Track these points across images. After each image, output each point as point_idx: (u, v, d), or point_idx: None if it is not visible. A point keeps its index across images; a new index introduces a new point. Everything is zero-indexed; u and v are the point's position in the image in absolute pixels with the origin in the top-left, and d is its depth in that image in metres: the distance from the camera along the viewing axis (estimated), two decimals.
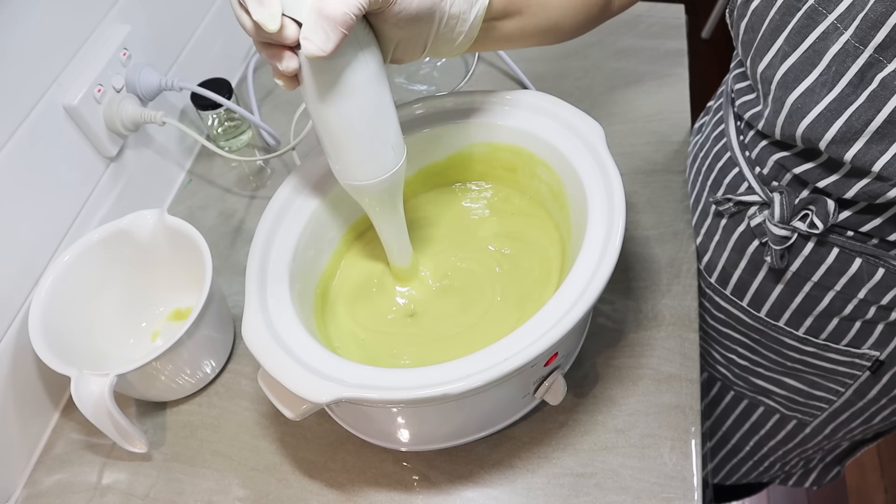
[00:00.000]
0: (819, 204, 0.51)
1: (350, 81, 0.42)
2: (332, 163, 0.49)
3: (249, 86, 0.84)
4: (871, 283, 0.54)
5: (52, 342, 0.54)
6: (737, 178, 0.60)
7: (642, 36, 0.88)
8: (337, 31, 0.38)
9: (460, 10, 0.44)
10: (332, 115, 0.44)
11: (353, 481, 0.56)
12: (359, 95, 0.44)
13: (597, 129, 0.53)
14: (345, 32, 0.38)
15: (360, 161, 0.47)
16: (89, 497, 0.57)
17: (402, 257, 0.56)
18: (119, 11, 0.64)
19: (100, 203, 0.65)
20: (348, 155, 0.47)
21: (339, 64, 0.42)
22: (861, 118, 0.43)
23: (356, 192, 0.50)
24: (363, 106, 0.44)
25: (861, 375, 0.64)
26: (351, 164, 0.47)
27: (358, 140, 0.46)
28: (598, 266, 0.46)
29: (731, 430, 0.83)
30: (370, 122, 0.45)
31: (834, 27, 0.44)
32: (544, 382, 0.52)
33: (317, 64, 0.41)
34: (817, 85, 0.45)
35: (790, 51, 0.46)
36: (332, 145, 0.47)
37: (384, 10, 0.40)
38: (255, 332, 0.46)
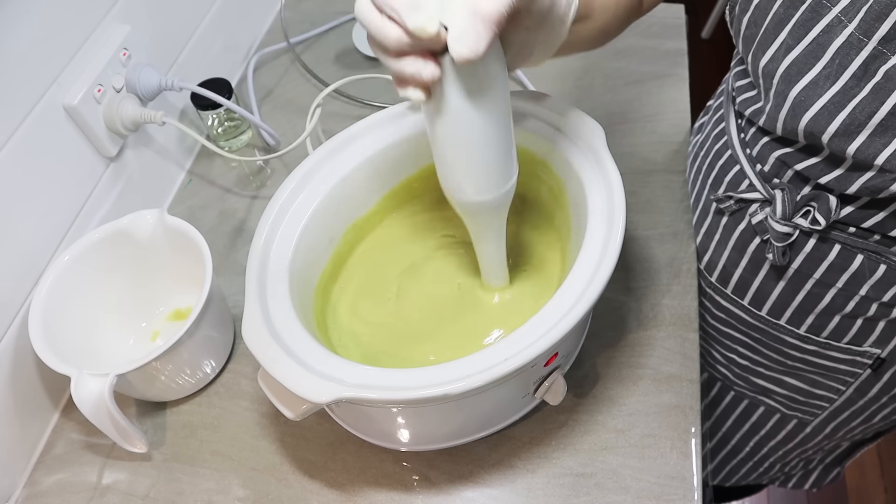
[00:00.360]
0: (821, 200, 0.51)
1: (488, 89, 0.41)
2: (455, 180, 0.46)
3: (249, 86, 0.84)
4: (872, 280, 0.54)
5: (52, 342, 0.54)
6: (738, 175, 0.60)
7: (642, 36, 0.88)
8: (490, 30, 0.36)
9: (563, 12, 0.43)
10: (470, 126, 0.42)
11: (353, 481, 0.56)
12: (495, 103, 0.42)
13: (597, 129, 0.53)
14: (497, 32, 0.36)
15: (489, 174, 0.45)
16: (89, 497, 0.57)
17: (500, 276, 0.55)
18: (119, 11, 0.64)
19: (100, 203, 0.65)
20: (479, 168, 0.45)
21: (479, 70, 0.40)
22: (864, 111, 0.43)
23: (476, 209, 0.48)
24: (499, 114, 0.43)
25: (862, 374, 0.64)
26: (479, 177, 0.45)
27: (490, 151, 0.44)
28: (598, 266, 0.46)
29: (731, 431, 0.83)
30: (504, 130, 0.44)
31: (838, 20, 0.44)
32: (544, 382, 0.52)
33: (460, 71, 0.39)
34: (821, 78, 0.45)
35: (794, 44, 0.46)
36: (460, 161, 0.44)
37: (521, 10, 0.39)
38: (255, 332, 0.46)
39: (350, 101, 0.84)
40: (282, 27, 0.92)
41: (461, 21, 0.35)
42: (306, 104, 0.84)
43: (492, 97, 0.41)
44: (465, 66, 0.38)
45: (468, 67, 0.38)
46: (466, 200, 0.47)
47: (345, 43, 0.91)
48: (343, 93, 0.84)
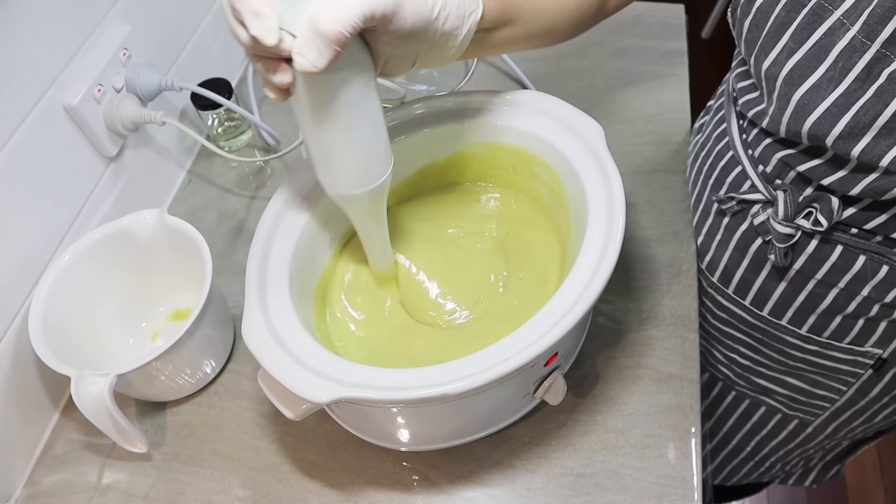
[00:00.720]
0: (823, 201, 0.51)
1: (342, 96, 0.43)
2: (321, 174, 0.49)
3: (249, 86, 0.84)
4: (874, 281, 0.54)
5: (52, 342, 0.54)
6: (739, 176, 0.60)
7: (642, 36, 0.88)
8: (330, 48, 0.37)
9: (453, 27, 0.44)
10: (324, 128, 0.44)
11: (353, 481, 0.56)
12: (351, 110, 0.44)
13: (597, 129, 0.53)
14: (338, 50, 0.38)
15: (349, 172, 0.48)
16: (89, 497, 0.57)
17: (383, 261, 0.57)
18: (119, 11, 0.64)
19: (100, 203, 0.65)
20: (338, 167, 0.47)
21: (332, 79, 0.42)
22: (868, 113, 0.43)
23: (343, 201, 0.50)
24: (355, 120, 0.45)
25: (863, 374, 0.64)
26: (340, 175, 0.48)
27: (348, 153, 0.46)
28: (598, 266, 0.46)
29: (732, 431, 0.83)
30: (361, 135, 0.46)
31: (840, 23, 0.44)
32: (544, 382, 0.52)
33: (310, 78, 0.41)
34: (823, 81, 0.45)
35: (796, 47, 0.46)
36: (322, 157, 0.47)
37: (377, 28, 0.40)
38: (255, 332, 0.46)
39: None
40: None
41: (302, 35, 0.38)
42: None
43: (349, 102, 0.43)
44: (313, 76, 0.40)
45: (317, 77, 0.40)
46: (333, 193, 0.50)
47: None
48: None
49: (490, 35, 0.49)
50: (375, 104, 0.46)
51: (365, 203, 0.50)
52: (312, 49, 0.37)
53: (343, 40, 0.38)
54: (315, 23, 0.37)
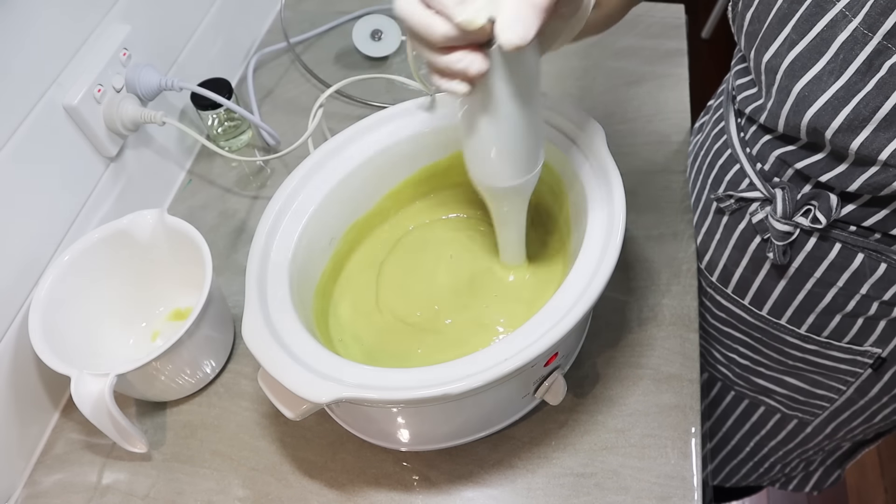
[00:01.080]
0: (821, 198, 0.51)
1: (528, 76, 0.42)
2: (490, 166, 0.47)
3: (249, 86, 0.84)
4: (873, 279, 0.54)
5: (52, 342, 0.54)
6: (738, 174, 0.60)
7: (642, 36, 0.88)
8: (539, 17, 0.36)
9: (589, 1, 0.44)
10: (510, 113, 0.42)
11: (353, 481, 0.56)
12: (533, 90, 0.43)
13: (597, 129, 0.53)
14: (545, 18, 0.36)
15: (522, 159, 0.46)
16: (89, 497, 0.57)
17: (518, 255, 0.57)
18: (119, 11, 0.64)
19: (100, 203, 0.65)
20: (514, 154, 0.46)
21: (523, 58, 0.40)
22: (869, 105, 0.43)
23: (506, 193, 0.49)
24: (536, 101, 0.44)
25: (863, 373, 0.63)
26: (513, 163, 0.46)
27: (526, 137, 0.45)
28: (598, 266, 0.46)
29: (731, 431, 0.83)
30: (537, 116, 0.45)
31: (842, 15, 0.44)
32: (544, 382, 0.52)
33: (505, 60, 0.39)
34: (824, 73, 0.45)
35: (797, 39, 0.46)
36: (499, 146, 0.45)
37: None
38: (255, 332, 0.46)
39: (350, 102, 0.84)
40: (282, 27, 0.92)
41: (512, 8, 0.35)
42: (306, 104, 0.84)
43: (530, 85, 0.42)
44: (510, 55, 0.38)
45: (513, 56, 0.39)
46: (498, 186, 0.48)
47: (345, 43, 0.91)
48: (343, 93, 0.84)
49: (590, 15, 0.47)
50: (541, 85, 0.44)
51: (522, 192, 0.49)
52: (521, 21, 0.35)
53: (551, 8, 0.36)
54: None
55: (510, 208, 0.52)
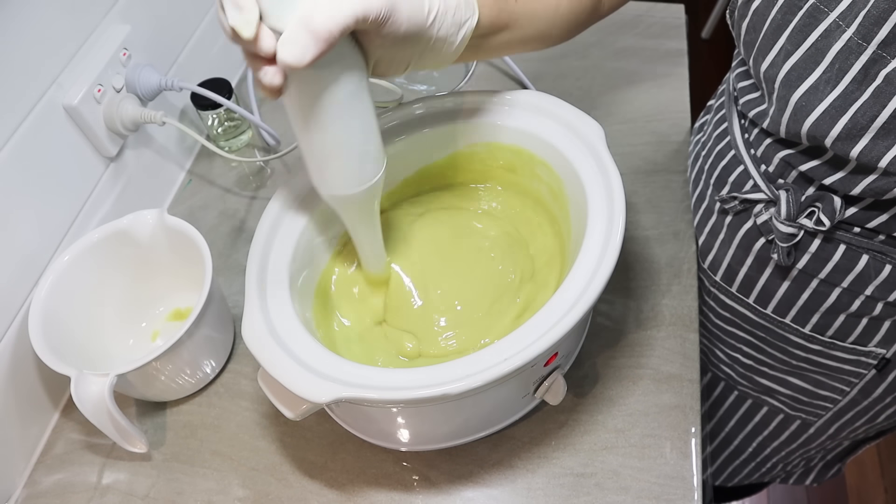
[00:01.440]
0: (825, 201, 0.51)
1: (333, 95, 0.42)
2: (313, 174, 0.49)
3: (249, 86, 0.84)
4: (878, 280, 0.54)
5: (52, 342, 0.54)
6: (742, 175, 0.60)
7: (642, 36, 0.88)
8: (317, 45, 0.37)
9: (447, 34, 0.45)
10: (314, 127, 0.44)
11: (353, 481, 0.56)
12: (342, 109, 0.43)
13: (597, 129, 0.53)
14: (324, 48, 0.37)
15: (342, 173, 0.47)
16: (89, 497, 0.57)
17: (376, 265, 0.56)
18: (119, 11, 0.64)
19: (100, 203, 0.65)
20: (330, 167, 0.47)
21: (322, 77, 0.41)
22: (866, 114, 0.43)
23: (336, 202, 0.50)
24: (345, 119, 0.44)
25: (867, 374, 0.63)
26: (332, 175, 0.47)
27: (339, 153, 0.46)
28: (598, 266, 0.46)
29: (734, 431, 0.83)
30: (352, 135, 0.45)
31: (836, 25, 0.44)
32: (544, 382, 0.52)
33: (301, 76, 0.41)
34: (821, 83, 0.45)
35: (793, 49, 0.46)
36: (313, 157, 0.47)
37: (370, 31, 0.40)
38: (255, 332, 0.46)
39: None
40: None
41: (291, 29, 0.37)
42: None
43: (340, 102, 0.43)
44: (305, 74, 0.40)
45: (308, 75, 0.40)
46: (325, 194, 0.49)
47: None
48: None
49: (486, 40, 0.49)
50: (367, 104, 0.45)
51: (357, 204, 0.50)
52: (297, 44, 0.37)
53: (331, 39, 0.37)
54: (307, 19, 0.37)
55: (351, 216, 0.52)
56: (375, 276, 0.57)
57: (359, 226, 0.53)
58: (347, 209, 0.51)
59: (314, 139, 0.45)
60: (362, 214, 0.52)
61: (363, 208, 0.51)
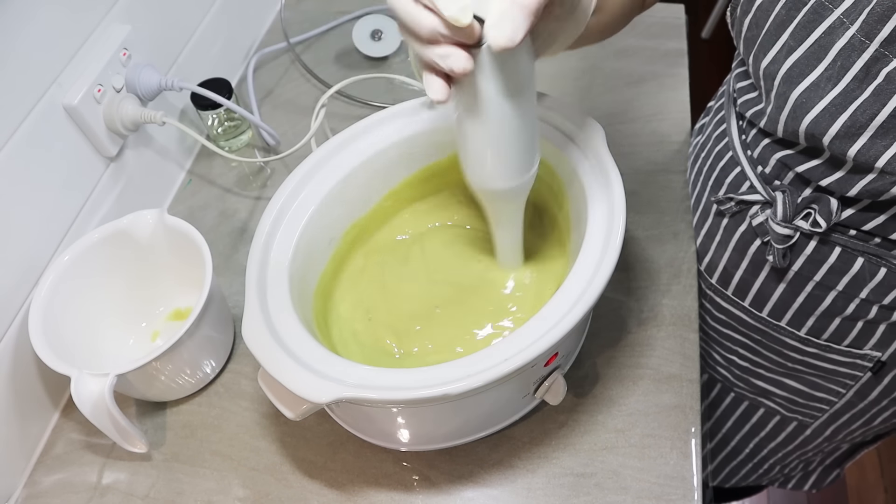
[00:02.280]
0: (822, 202, 0.51)
1: (519, 78, 0.41)
2: (477, 168, 0.47)
3: (249, 86, 0.84)
4: (873, 283, 0.54)
5: (52, 342, 0.54)
6: (738, 177, 0.60)
7: (642, 36, 0.88)
8: (528, 18, 0.36)
9: (588, 3, 0.44)
10: (501, 114, 0.42)
11: (353, 481, 0.56)
12: (525, 92, 0.42)
13: (597, 129, 0.53)
14: (534, 21, 0.36)
15: (515, 161, 0.46)
16: (89, 497, 0.57)
17: (515, 260, 0.56)
18: (119, 11, 0.64)
19: (100, 203, 0.65)
20: (506, 156, 0.46)
21: (513, 60, 0.40)
22: (866, 113, 0.43)
23: (499, 196, 0.49)
24: (528, 103, 0.43)
25: (862, 376, 0.63)
26: (506, 165, 0.46)
27: (518, 139, 0.45)
28: (598, 266, 0.46)
29: (731, 432, 0.83)
30: (530, 119, 0.45)
31: (840, 21, 0.44)
32: (544, 382, 0.52)
33: (494, 61, 0.39)
34: (822, 80, 0.45)
35: (795, 46, 0.46)
36: (490, 148, 0.45)
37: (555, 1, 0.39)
38: (255, 332, 0.46)
39: (350, 102, 0.84)
40: (282, 27, 0.92)
41: (500, 9, 0.36)
42: (306, 104, 0.84)
43: (522, 87, 0.42)
44: (500, 56, 0.38)
45: (502, 57, 0.39)
46: (493, 188, 0.48)
47: (345, 43, 0.91)
48: (343, 93, 0.84)
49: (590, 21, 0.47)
50: (534, 87, 0.44)
51: (517, 195, 0.49)
52: (510, 22, 0.35)
53: (541, 9, 0.36)
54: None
55: (504, 211, 0.51)
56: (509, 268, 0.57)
57: (508, 221, 0.52)
58: (504, 203, 0.50)
59: (495, 127, 0.43)
60: (517, 208, 0.51)
61: (519, 200, 0.50)
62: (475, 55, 0.39)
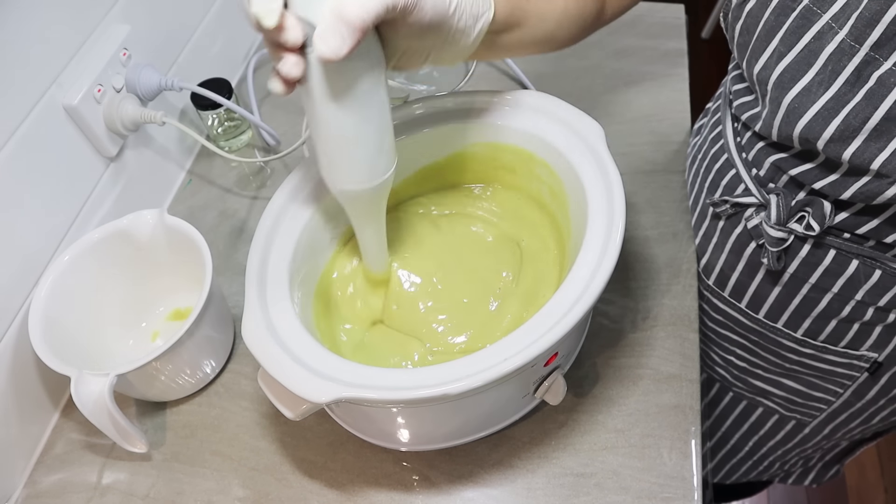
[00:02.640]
0: (815, 206, 0.51)
1: (355, 87, 0.42)
2: (326, 169, 0.48)
3: (249, 86, 0.84)
4: (868, 285, 0.54)
5: (52, 342, 0.54)
6: (734, 179, 0.60)
7: (642, 36, 0.88)
8: (353, 35, 0.37)
9: (466, 25, 0.45)
10: (334, 120, 0.44)
11: (353, 481, 0.56)
12: (362, 102, 0.43)
13: (597, 129, 0.53)
14: (360, 37, 0.37)
15: (356, 167, 0.47)
16: (89, 497, 0.57)
17: (379, 264, 0.56)
18: (119, 11, 0.64)
19: (100, 203, 0.65)
20: (345, 160, 0.47)
21: (347, 69, 0.41)
22: (859, 116, 0.43)
23: (347, 197, 0.50)
24: (366, 112, 0.44)
25: (859, 377, 0.64)
26: (346, 169, 0.47)
27: (357, 146, 0.46)
28: (598, 266, 0.46)
29: (730, 431, 0.83)
30: (370, 128, 0.45)
31: (829, 27, 0.44)
32: (544, 382, 0.52)
33: (325, 68, 0.40)
34: (814, 84, 0.45)
35: (785, 51, 0.46)
36: (329, 151, 0.47)
37: (397, 20, 0.40)
38: (255, 332, 0.46)
39: None
40: None
41: (325, 21, 0.37)
42: None
43: (361, 94, 0.43)
44: (328, 66, 0.40)
45: (332, 67, 0.40)
46: (338, 189, 0.49)
47: None
48: None
49: (498, 37, 0.49)
50: (385, 98, 0.45)
51: (367, 201, 0.50)
52: (335, 35, 0.37)
53: (367, 28, 0.37)
54: (340, 9, 0.36)
55: (358, 212, 0.51)
56: (376, 276, 0.57)
57: (365, 224, 0.53)
58: (356, 206, 0.51)
59: (330, 132, 0.45)
60: (370, 212, 0.51)
61: (372, 205, 0.51)
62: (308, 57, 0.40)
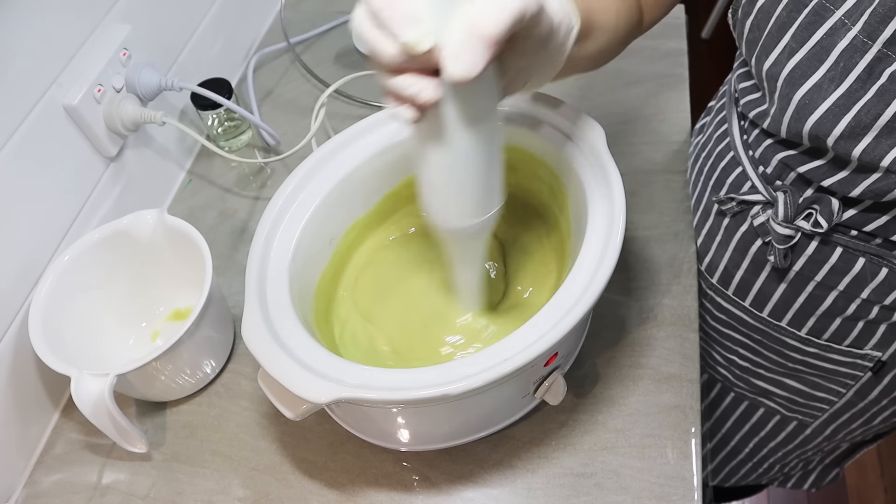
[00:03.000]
0: (823, 203, 0.51)
1: (481, 113, 0.39)
2: (434, 203, 0.45)
3: (249, 86, 0.84)
4: (874, 284, 0.54)
5: (52, 342, 0.54)
6: (740, 177, 0.60)
7: (642, 36, 0.88)
8: (489, 49, 0.34)
9: (563, 40, 0.42)
10: (458, 150, 0.40)
11: (353, 481, 0.56)
12: (488, 129, 0.41)
13: (597, 129, 0.53)
14: (496, 52, 0.34)
15: (472, 199, 0.44)
16: (89, 497, 0.57)
17: (473, 302, 0.54)
18: (119, 11, 0.64)
19: (100, 203, 0.65)
20: (464, 193, 0.44)
21: (470, 93, 0.38)
22: (870, 113, 0.43)
23: (455, 235, 0.47)
24: (490, 140, 0.42)
25: (863, 376, 0.63)
26: (461, 202, 0.44)
27: (477, 178, 0.43)
28: (598, 266, 0.46)
29: (731, 432, 0.83)
30: (492, 156, 0.43)
31: (842, 23, 0.44)
32: (544, 382, 0.52)
33: (453, 92, 0.37)
34: (825, 81, 0.45)
35: (797, 47, 0.46)
36: (440, 184, 0.43)
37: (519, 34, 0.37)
38: (255, 332, 0.46)
39: (351, 102, 0.84)
40: (282, 27, 0.92)
41: (458, 39, 0.34)
42: (306, 104, 0.84)
43: (483, 122, 0.40)
44: (459, 88, 0.37)
45: (461, 89, 0.37)
46: (450, 226, 0.46)
47: (345, 43, 0.91)
48: (343, 93, 0.84)
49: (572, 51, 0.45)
50: (499, 125, 0.43)
51: (476, 235, 0.47)
52: (470, 51, 0.33)
53: (501, 42, 0.34)
54: (474, 23, 0.33)
55: (462, 251, 0.49)
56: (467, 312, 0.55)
57: (467, 259, 0.50)
58: (463, 241, 0.48)
59: (452, 160, 0.41)
60: (476, 246, 0.49)
61: (480, 239, 0.48)
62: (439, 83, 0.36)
